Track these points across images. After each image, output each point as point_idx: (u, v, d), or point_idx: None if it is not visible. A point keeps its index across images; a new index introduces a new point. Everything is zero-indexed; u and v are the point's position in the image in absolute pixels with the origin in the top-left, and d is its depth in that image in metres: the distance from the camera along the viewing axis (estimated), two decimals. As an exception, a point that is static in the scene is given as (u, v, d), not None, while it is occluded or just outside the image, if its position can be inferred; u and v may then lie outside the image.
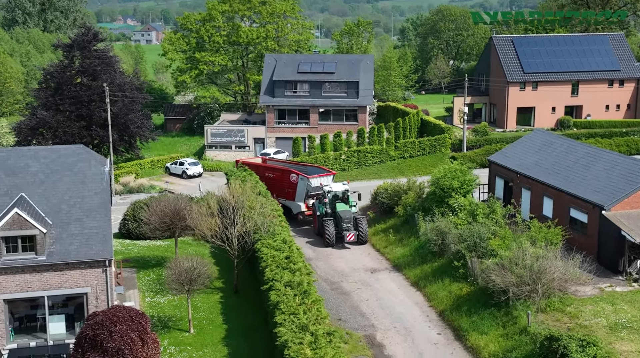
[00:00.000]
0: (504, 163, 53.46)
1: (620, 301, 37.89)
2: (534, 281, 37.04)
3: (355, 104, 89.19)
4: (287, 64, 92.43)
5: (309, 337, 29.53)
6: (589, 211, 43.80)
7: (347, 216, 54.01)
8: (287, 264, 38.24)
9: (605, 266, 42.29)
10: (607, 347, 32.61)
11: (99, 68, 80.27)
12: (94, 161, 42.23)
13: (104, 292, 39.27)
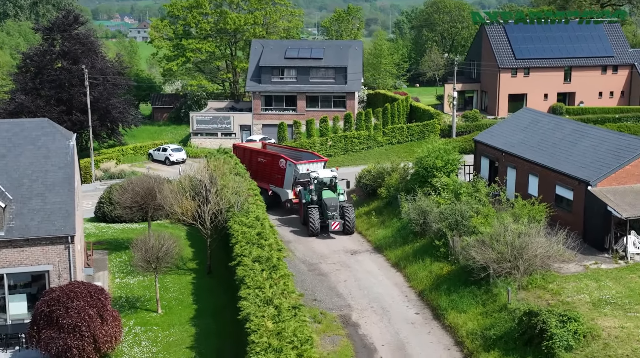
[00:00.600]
0: (490, 142, 51.92)
1: (604, 278, 36.36)
2: (515, 258, 35.54)
3: (343, 90, 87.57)
4: (274, 49, 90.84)
5: (272, 310, 27.96)
6: (574, 187, 42.27)
7: (332, 203, 50.97)
8: (258, 240, 36.68)
9: (591, 243, 40.78)
10: (588, 323, 31.08)
11: (80, 52, 78.47)
12: (59, 135, 40.64)
13: (66, 270, 37.64)
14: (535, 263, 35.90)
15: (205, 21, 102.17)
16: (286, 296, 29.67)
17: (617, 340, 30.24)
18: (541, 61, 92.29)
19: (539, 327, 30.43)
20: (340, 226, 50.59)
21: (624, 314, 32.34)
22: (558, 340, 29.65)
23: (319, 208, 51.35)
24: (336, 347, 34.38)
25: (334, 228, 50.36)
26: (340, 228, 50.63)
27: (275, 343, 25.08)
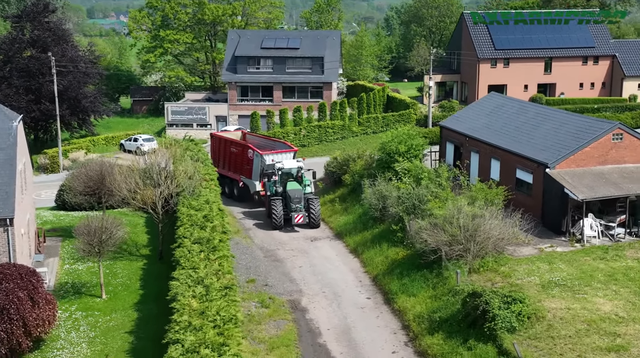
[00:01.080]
0: (454, 127, 51.00)
1: (558, 261, 35.44)
2: (467, 241, 34.64)
3: (320, 80, 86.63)
4: (251, 39, 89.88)
5: (200, 289, 26.99)
6: (533, 170, 41.36)
7: (296, 195, 48.69)
8: (203, 223, 35.68)
9: (549, 227, 39.90)
10: (534, 304, 30.14)
11: (50, 40, 77.45)
12: (2, 116, 39.57)
13: (5, 253, 36.63)
14: (488, 245, 35.05)
15: (183, 12, 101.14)
16: (219, 277, 28.69)
17: (562, 321, 29.32)
18: (521, 52, 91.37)
19: (481, 308, 29.49)
20: (304, 219, 48.26)
21: (572, 296, 31.41)
22: (500, 321, 28.68)
23: (283, 200, 49.16)
24: (280, 331, 33.39)
25: (298, 221, 48.05)
26: (304, 221, 48.31)
27: (196, 322, 24.12)
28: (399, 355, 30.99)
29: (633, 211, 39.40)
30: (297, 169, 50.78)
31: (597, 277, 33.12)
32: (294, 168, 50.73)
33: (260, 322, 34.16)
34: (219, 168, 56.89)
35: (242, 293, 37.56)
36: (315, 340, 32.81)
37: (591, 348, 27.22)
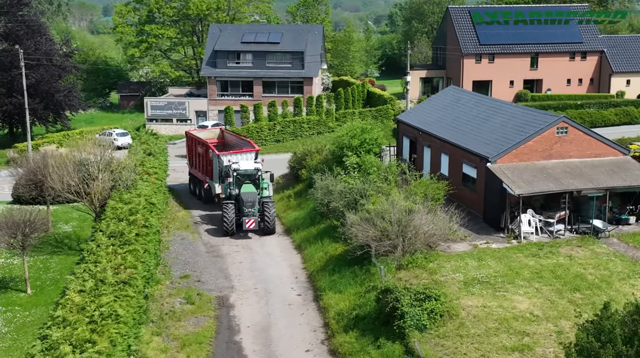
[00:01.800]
0: (409, 121, 50.00)
1: (488, 258, 34.36)
2: (396, 236, 33.75)
3: (300, 75, 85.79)
4: (232, 33, 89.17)
5: (91, 284, 26.22)
6: (477, 164, 40.33)
7: (249, 199, 45.28)
8: (126, 216, 34.91)
9: (489, 223, 38.87)
10: (450, 302, 29.14)
11: (22, 33, 76.96)
12: None
13: None
14: (417, 241, 34.13)
15: (167, 6, 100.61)
16: (119, 271, 27.90)
17: (475, 319, 28.33)
18: (506, 47, 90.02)
19: (391, 304, 28.58)
20: (256, 225, 45.02)
21: (492, 293, 30.39)
22: (409, 319, 27.75)
23: (237, 204, 46.07)
24: (197, 328, 32.59)
25: (249, 226, 44.85)
26: (256, 226, 45.05)
27: (72, 317, 23.35)
28: (312, 353, 30.11)
29: (576, 208, 38.30)
30: (255, 171, 47.36)
31: (523, 274, 32.08)
32: (250, 169, 47.33)
33: (180, 319, 33.37)
34: (191, 168, 56.13)
35: (172, 288, 36.95)
36: (232, 338, 31.96)
37: (496, 348, 26.24)
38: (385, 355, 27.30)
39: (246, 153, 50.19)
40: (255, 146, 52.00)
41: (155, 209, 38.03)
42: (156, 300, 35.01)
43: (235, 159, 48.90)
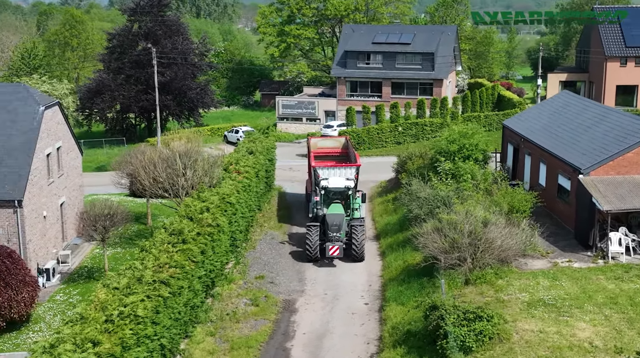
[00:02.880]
0: (514, 127, 46.92)
1: (564, 278, 31.35)
2: (466, 249, 31.57)
3: (430, 76, 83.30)
4: (364, 34, 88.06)
5: (125, 281, 26.03)
6: (570, 176, 37.08)
7: (335, 222, 39.39)
8: (196, 214, 34.68)
9: (579, 239, 35.56)
10: (504, 325, 26.71)
11: (160, 32, 79.58)
12: (31, 101, 40.61)
13: (15, 234, 37.54)
14: (487, 256, 31.72)
15: (307, 7, 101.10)
16: (160, 271, 27.55)
17: (526, 345, 25.77)
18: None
19: (434, 323, 26.59)
20: (340, 252, 39.12)
21: (555, 317, 27.60)
22: (452, 339, 25.65)
23: (322, 227, 40.51)
24: (253, 331, 31.85)
25: (332, 253, 39.09)
26: (340, 253, 39.18)
27: (90, 314, 23.17)
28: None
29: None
30: (345, 189, 41.41)
31: (596, 299, 28.97)
32: (340, 187, 41.38)
33: (240, 321, 32.76)
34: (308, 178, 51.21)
35: (243, 289, 36.45)
36: (283, 344, 30.97)
37: (539, 379, 23.71)
38: (425, 378, 25.40)
39: (345, 168, 43.44)
40: (358, 161, 44.86)
41: (231, 209, 37.54)
42: (223, 300, 34.64)
43: (331, 173, 42.76)
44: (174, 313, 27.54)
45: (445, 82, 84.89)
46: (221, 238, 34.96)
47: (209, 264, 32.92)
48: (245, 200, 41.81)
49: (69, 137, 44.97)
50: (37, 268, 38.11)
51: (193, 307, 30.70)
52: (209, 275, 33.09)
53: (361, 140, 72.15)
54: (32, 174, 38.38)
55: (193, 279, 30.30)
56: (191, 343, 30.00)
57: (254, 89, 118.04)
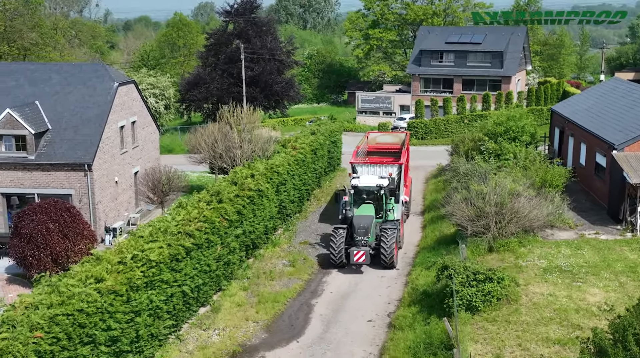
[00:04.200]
0: (560, 111, 43.33)
1: (587, 247, 28.18)
2: (491, 217, 28.91)
3: (498, 74, 79.36)
4: (438, 35, 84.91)
5: (150, 230, 24.83)
6: (605, 152, 33.57)
7: (362, 224, 31.81)
8: (240, 180, 33.21)
9: (611, 215, 32.13)
10: (514, 288, 23.99)
11: (251, 32, 79.07)
12: (107, 78, 40.26)
13: (86, 195, 37.21)
14: (510, 226, 28.94)
15: (389, 13, 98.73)
16: (188, 224, 26.19)
17: (534, 307, 23.02)
18: None
19: (444, 282, 24.13)
20: (367, 258, 31.20)
21: (569, 283, 24.63)
22: (459, 298, 23.17)
23: (349, 229, 32.72)
24: (284, 288, 30.10)
25: (357, 259, 31.23)
26: (367, 260, 31.25)
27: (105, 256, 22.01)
28: (372, 323, 26.40)
29: None
30: (377, 188, 33.63)
31: (614, 267, 25.76)
32: (371, 186, 33.69)
33: (274, 279, 31.11)
34: None
35: (285, 252, 34.79)
36: (309, 300, 29.06)
37: (538, 338, 20.94)
38: (428, 332, 22.95)
39: (386, 166, 36.31)
40: (402, 159, 37.90)
41: (278, 178, 35.90)
42: (263, 260, 33.15)
43: (370, 171, 35.87)
44: (200, 265, 26.16)
45: (513, 80, 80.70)
46: (264, 203, 33.41)
47: (248, 225, 31.43)
48: (298, 173, 40.11)
49: (145, 114, 44.49)
50: (104, 226, 37.66)
51: (228, 263, 29.27)
52: (248, 236, 31.59)
53: (428, 130, 69.36)
54: (104, 143, 37.99)
55: (227, 237, 28.87)
56: (223, 295, 28.61)
57: (342, 88, 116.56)
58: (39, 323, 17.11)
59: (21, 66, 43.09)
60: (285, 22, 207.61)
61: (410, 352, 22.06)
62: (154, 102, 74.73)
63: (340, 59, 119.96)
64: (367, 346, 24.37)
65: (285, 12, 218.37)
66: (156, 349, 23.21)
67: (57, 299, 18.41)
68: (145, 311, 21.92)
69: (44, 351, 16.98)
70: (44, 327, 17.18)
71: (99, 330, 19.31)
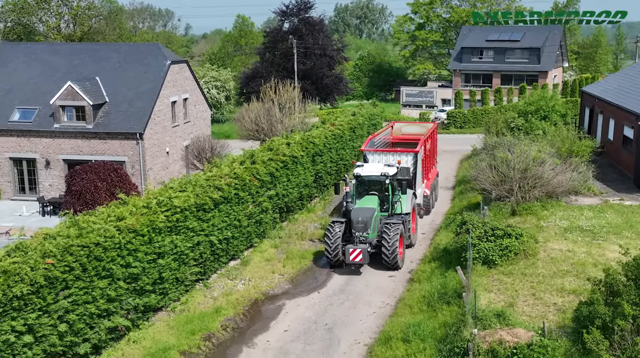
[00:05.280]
0: (590, 91, 40.29)
1: (611, 211, 25.56)
2: (515, 182, 26.59)
3: (535, 69, 75.85)
4: (479, 34, 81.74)
5: (179, 182, 23.48)
6: (633, 124, 30.67)
7: (361, 218, 24.84)
8: (276, 147, 31.62)
9: (637, 183, 29.28)
10: (533, 244, 21.69)
11: (305, 30, 77.59)
12: (161, 57, 39.31)
13: (138, 162, 36.28)
14: (534, 191, 26.52)
15: (435, 16, 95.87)
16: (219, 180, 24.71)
17: (551, 261, 20.68)
18: None
19: (461, 236, 22.01)
20: (364, 258, 24.20)
21: (589, 241, 22.16)
22: (476, 252, 21.02)
23: (346, 224, 25.83)
24: (311, 247, 28.38)
25: (353, 258, 24.28)
26: (364, 260, 24.24)
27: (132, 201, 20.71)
28: (393, 278, 24.41)
29: None
30: (382, 178, 26.50)
31: (637, 228, 23.12)
32: (375, 175, 26.60)
33: (304, 238, 29.42)
34: None
35: (319, 217, 33.06)
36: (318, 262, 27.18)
37: (553, 289, 18.64)
38: (444, 284, 20.90)
39: (401, 153, 30.35)
40: (419, 148, 30.66)
41: (314, 149, 34.14)
42: (297, 223, 31.49)
43: (380, 159, 30.07)
44: (230, 219, 24.67)
45: (550, 75, 76.96)
46: (298, 170, 31.75)
47: (281, 189, 29.83)
48: (335, 147, 38.27)
49: (197, 92, 43.44)
50: (154, 191, 36.66)
51: (260, 222, 27.71)
52: (282, 199, 29.99)
53: (467, 119, 66.53)
54: (155, 115, 37.03)
55: (258, 196, 27.33)
56: (254, 251, 27.10)
57: (390, 87, 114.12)
58: (51, 251, 15.83)
59: (86, 46, 42.60)
60: (343, 32, 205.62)
61: (425, 300, 20.08)
62: (215, 94, 74.05)
63: (389, 60, 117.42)
64: (386, 297, 22.46)
65: (343, 23, 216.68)
66: (182, 293, 21.85)
67: (75, 232, 17.13)
68: (169, 255, 20.57)
69: (55, 277, 15.70)
70: (56, 255, 15.89)
71: (117, 266, 17.97)
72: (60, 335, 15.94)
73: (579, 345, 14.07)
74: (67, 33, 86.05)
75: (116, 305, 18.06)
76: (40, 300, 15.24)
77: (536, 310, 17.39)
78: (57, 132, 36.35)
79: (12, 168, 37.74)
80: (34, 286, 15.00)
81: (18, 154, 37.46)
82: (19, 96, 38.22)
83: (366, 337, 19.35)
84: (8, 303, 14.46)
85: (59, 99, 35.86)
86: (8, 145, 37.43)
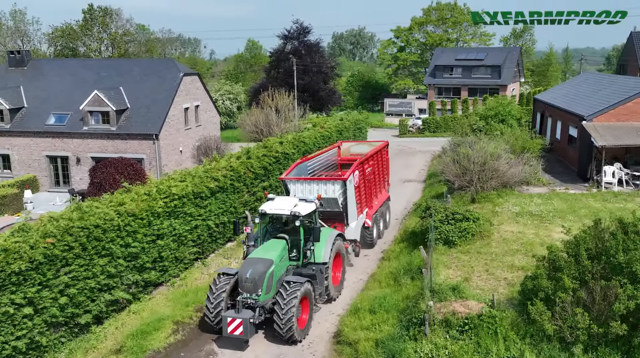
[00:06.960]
0: (541, 98, 38.89)
1: (557, 198, 24.19)
2: (474, 174, 25.22)
3: (497, 83, 74.38)
4: (449, 54, 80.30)
5: (182, 173, 22.10)
6: (577, 124, 29.27)
7: (248, 275, 15.11)
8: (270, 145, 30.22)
9: (580, 175, 27.90)
10: (488, 226, 20.34)
11: (303, 51, 76.20)
12: (175, 69, 37.94)
13: (154, 159, 34.92)
14: (491, 181, 25.16)
15: (413, 40, 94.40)
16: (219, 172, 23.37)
17: (503, 241, 19.34)
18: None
19: (425, 219, 20.64)
20: (246, 331, 14.70)
21: (537, 224, 20.81)
22: (437, 233, 19.68)
23: None
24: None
25: (231, 331, 14.78)
26: (246, 333, 14.72)
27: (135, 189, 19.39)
28: (367, 258, 22.98)
29: (672, 166, 25.92)
30: (290, 217, 17.14)
31: (579, 212, 21.76)
32: (284, 213, 16.97)
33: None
34: None
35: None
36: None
37: (504, 265, 17.30)
38: (410, 261, 19.53)
39: (327, 182, 20.45)
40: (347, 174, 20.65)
41: (304, 147, 32.75)
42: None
43: (303, 189, 20.40)
44: (226, 205, 23.32)
45: (509, 88, 75.49)
46: (289, 164, 30.26)
47: (275, 181, 28.44)
48: (324, 146, 36.90)
49: (207, 100, 42.10)
50: (168, 184, 35.33)
51: (255, 209, 26.31)
52: (275, 190, 28.57)
53: (439, 125, 65.07)
54: (170, 119, 35.71)
55: (253, 186, 25.95)
56: (246, 235, 25.64)
57: (377, 100, 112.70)
58: (52, 231, 14.51)
59: (112, 62, 41.31)
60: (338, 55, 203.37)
61: (392, 276, 18.73)
62: (229, 104, 72.70)
63: (376, 77, 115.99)
64: (360, 274, 21.08)
65: (339, 48, 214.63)
66: (181, 270, 20.52)
67: (77, 215, 15.80)
68: (169, 236, 19.23)
69: (55, 255, 14.37)
70: (56, 236, 14.56)
71: (117, 246, 16.64)
72: (61, 307, 14.64)
73: (524, 315, 12.74)
74: (107, 56, 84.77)
75: (117, 281, 16.75)
76: (40, 276, 13.94)
77: (489, 284, 16.05)
78: (86, 133, 35.06)
79: (48, 164, 36.48)
80: (33, 263, 13.67)
81: (53, 153, 36.20)
82: (54, 103, 36.96)
83: (339, 308, 18.03)
84: (7, 278, 13.15)
85: (87, 105, 34.57)
86: (45, 145, 36.18)
